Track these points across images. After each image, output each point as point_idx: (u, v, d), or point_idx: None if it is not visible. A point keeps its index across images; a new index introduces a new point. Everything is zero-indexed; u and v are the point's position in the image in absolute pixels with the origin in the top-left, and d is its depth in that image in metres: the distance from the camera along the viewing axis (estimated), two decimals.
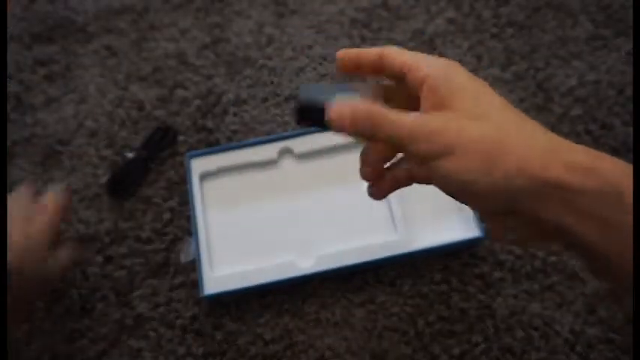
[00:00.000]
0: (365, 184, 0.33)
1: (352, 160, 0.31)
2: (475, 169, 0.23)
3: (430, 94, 0.25)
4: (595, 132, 0.52)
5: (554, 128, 0.52)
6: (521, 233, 0.26)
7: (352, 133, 0.26)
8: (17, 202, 0.41)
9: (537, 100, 0.54)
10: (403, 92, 0.28)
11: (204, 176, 0.52)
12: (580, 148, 0.24)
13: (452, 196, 0.26)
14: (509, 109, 0.25)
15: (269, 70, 0.59)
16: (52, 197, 0.42)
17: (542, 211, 0.23)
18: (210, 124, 0.56)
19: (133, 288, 0.49)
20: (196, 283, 0.47)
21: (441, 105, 0.25)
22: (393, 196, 0.48)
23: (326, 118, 0.26)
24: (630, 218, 0.21)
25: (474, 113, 0.24)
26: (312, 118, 0.26)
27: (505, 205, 0.24)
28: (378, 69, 0.29)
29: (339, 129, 0.26)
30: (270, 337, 0.46)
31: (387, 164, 0.31)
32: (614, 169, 0.22)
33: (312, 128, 0.49)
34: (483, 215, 0.30)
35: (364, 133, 0.26)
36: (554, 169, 0.22)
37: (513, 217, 0.25)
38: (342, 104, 0.26)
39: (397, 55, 0.27)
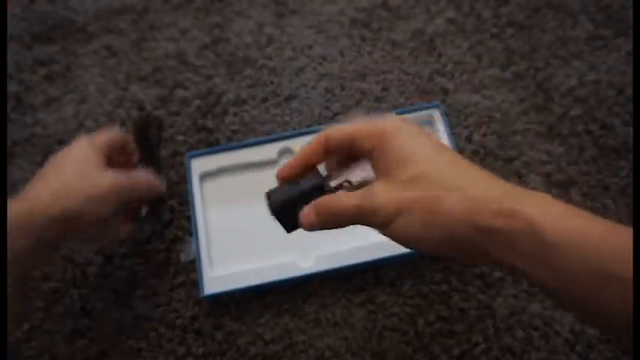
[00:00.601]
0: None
1: None
2: (422, 223, 0.27)
3: (377, 163, 0.30)
4: (595, 132, 0.52)
5: (554, 128, 0.52)
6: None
7: (322, 228, 0.31)
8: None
9: (537, 100, 0.54)
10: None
11: (204, 176, 0.52)
12: (507, 195, 0.27)
13: (414, 249, 0.30)
14: (445, 163, 0.29)
15: (269, 70, 0.59)
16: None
17: (485, 252, 0.26)
18: (210, 124, 0.56)
19: (133, 288, 0.49)
20: (196, 283, 0.47)
21: (386, 172, 0.29)
22: None
23: (300, 227, 0.32)
24: (548, 251, 0.24)
25: (413, 176, 0.28)
26: (292, 225, 0.33)
27: (456, 249, 0.28)
28: (326, 155, 0.33)
29: (312, 230, 0.31)
30: (270, 337, 0.46)
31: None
32: (534, 210, 0.25)
33: (312, 128, 0.54)
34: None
35: (330, 225, 0.31)
36: (485, 217, 0.26)
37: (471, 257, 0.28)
38: (306, 212, 0.31)
39: (342, 130, 0.31)
